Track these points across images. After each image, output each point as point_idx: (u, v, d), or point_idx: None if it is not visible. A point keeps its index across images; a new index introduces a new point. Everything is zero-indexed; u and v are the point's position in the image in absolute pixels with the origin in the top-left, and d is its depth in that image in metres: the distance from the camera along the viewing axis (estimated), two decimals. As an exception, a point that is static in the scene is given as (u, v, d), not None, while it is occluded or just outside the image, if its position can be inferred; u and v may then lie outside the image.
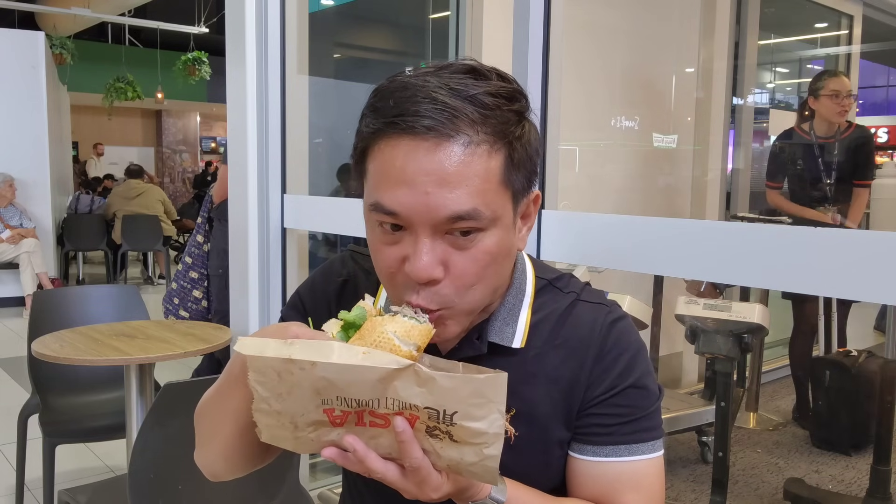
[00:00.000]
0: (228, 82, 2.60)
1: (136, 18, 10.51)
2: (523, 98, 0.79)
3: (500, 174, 0.75)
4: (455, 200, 0.73)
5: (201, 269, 3.24)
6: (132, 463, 1.62)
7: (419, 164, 0.72)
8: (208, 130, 16.74)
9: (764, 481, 3.04)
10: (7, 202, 6.60)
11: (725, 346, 2.65)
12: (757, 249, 1.24)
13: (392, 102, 0.74)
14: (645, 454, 0.86)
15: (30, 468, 2.62)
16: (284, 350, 0.66)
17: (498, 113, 0.75)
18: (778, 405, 4.02)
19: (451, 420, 0.66)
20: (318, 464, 2.92)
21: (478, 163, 0.73)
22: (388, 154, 0.74)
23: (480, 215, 0.74)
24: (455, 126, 0.72)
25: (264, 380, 0.68)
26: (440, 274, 0.75)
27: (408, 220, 0.74)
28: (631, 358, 0.87)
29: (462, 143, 0.73)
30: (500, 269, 0.80)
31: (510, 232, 0.80)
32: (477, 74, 0.76)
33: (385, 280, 0.81)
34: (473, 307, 0.81)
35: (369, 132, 0.76)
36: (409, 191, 0.73)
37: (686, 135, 4.10)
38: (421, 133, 0.72)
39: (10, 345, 5.52)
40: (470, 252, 0.76)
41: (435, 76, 0.75)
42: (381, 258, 0.79)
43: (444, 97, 0.72)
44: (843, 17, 5.22)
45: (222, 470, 0.90)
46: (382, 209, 0.75)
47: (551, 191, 1.64)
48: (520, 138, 0.77)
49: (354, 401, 0.67)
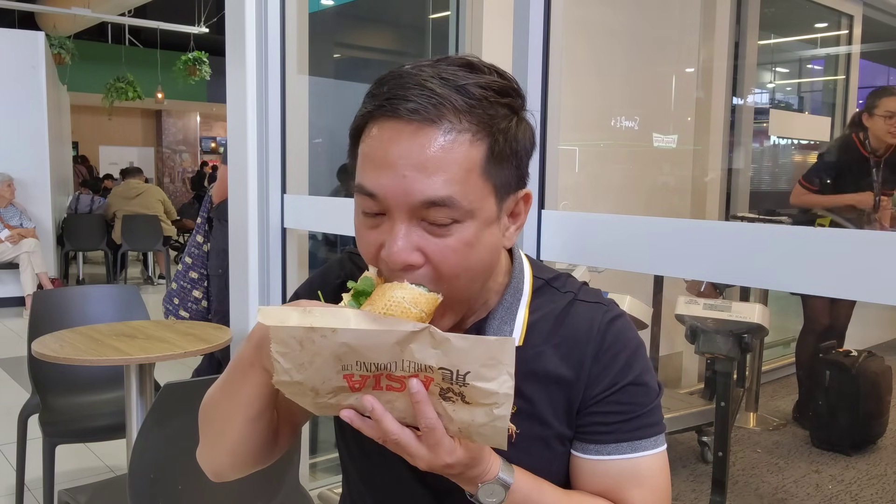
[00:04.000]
0: (228, 82, 2.60)
1: (136, 18, 10.51)
2: (516, 95, 0.79)
3: (481, 165, 0.76)
4: (431, 186, 0.74)
5: (201, 269, 3.24)
6: (132, 463, 1.62)
7: (400, 148, 0.74)
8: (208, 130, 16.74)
9: (764, 481, 3.04)
10: (7, 202, 6.60)
11: (725, 346, 2.65)
12: (757, 249, 1.24)
13: (385, 89, 0.76)
14: (647, 450, 0.86)
15: (30, 468, 2.62)
16: (306, 319, 0.68)
17: (485, 104, 0.75)
18: (778, 405, 4.02)
19: (464, 380, 0.68)
20: (318, 464, 2.92)
21: (458, 150, 0.74)
22: (375, 136, 0.76)
23: (455, 203, 0.75)
24: (439, 112, 0.74)
25: (287, 350, 0.70)
26: (416, 259, 0.76)
27: (385, 202, 0.76)
28: (630, 355, 0.87)
29: (444, 129, 0.74)
30: (484, 263, 0.81)
31: (492, 227, 0.80)
32: (472, 68, 0.77)
33: (370, 265, 0.83)
34: (461, 297, 0.81)
35: (361, 115, 0.79)
36: (388, 173, 0.75)
37: (686, 135, 4.10)
38: (405, 116, 0.74)
39: (10, 345, 5.52)
40: (447, 241, 0.76)
41: (431, 66, 0.76)
42: (363, 244, 0.81)
43: (433, 85, 0.74)
44: (843, 17, 5.22)
45: (227, 467, 0.90)
46: (363, 190, 0.77)
47: (551, 191, 1.64)
48: (505, 132, 0.77)
49: (373, 365, 0.69)
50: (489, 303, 0.89)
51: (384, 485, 0.93)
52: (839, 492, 2.96)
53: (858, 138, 3.47)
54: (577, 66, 3.48)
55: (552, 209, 1.61)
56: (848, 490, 2.97)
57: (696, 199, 4.18)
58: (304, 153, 2.76)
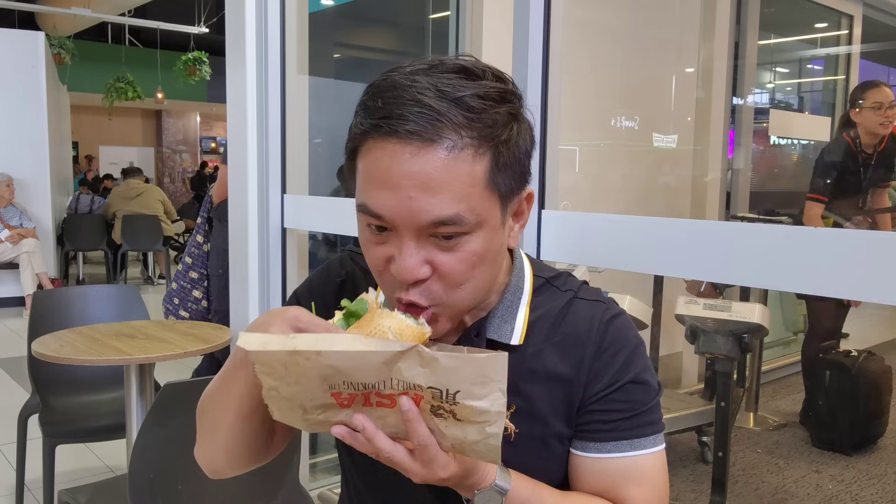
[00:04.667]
0: (228, 82, 2.60)
1: (136, 18, 10.51)
2: (515, 98, 0.78)
3: (486, 178, 0.75)
4: (437, 206, 0.73)
5: (201, 269, 3.24)
6: (132, 463, 1.62)
7: (402, 168, 0.73)
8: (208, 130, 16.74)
9: (764, 481, 3.04)
10: (6, 202, 6.60)
11: (725, 346, 2.65)
12: (757, 249, 1.24)
13: (380, 103, 0.74)
14: (647, 448, 0.86)
15: (30, 468, 2.62)
16: (288, 343, 0.66)
17: (484, 116, 0.74)
18: (778, 405, 4.02)
19: (455, 399, 0.67)
20: (318, 464, 2.92)
21: (461, 167, 0.73)
22: (375, 155, 0.75)
23: (463, 220, 0.74)
24: (438, 130, 0.72)
25: (271, 370, 0.69)
26: (425, 273, 0.76)
27: (392, 223, 0.75)
28: (629, 354, 0.87)
29: (446, 147, 0.72)
30: (489, 268, 0.81)
31: (498, 232, 0.80)
32: (469, 74, 0.75)
33: (378, 280, 0.82)
34: (464, 306, 0.81)
35: (358, 132, 0.77)
36: (392, 194, 0.74)
37: (686, 135, 4.10)
38: (405, 137, 0.72)
39: (10, 345, 5.52)
40: (455, 253, 0.76)
41: (425, 75, 0.74)
42: (370, 257, 0.81)
43: (429, 100, 0.72)
44: (843, 17, 5.22)
45: (223, 465, 0.90)
46: (368, 211, 0.76)
47: (551, 191, 1.64)
48: (507, 142, 0.76)
49: (361, 384, 0.68)
50: (490, 302, 0.89)
51: (383, 484, 0.93)
52: (839, 492, 2.96)
53: (850, 136, 3.45)
54: (577, 66, 3.48)
55: (552, 209, 1.61)
56: (848, 490, 2.97)
57: (696, 199, 4.18)
58: (304, 153, 2.76)
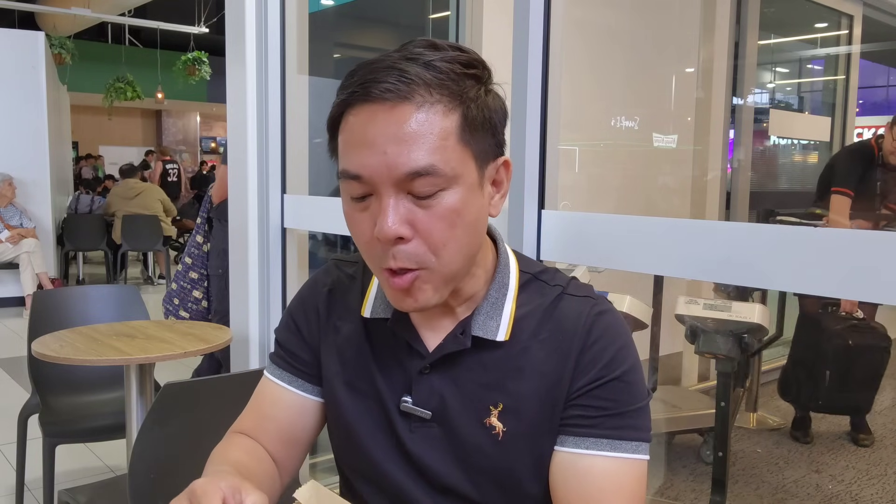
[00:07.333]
0: (228, 82, 2.60)
1: (136, 18, 10.52)
2: (482, 67, 0.82)
3: (457, 133, 0.78)
4: (413, 157, 0.76)
5: (201, 269, 3.24)
6: (132, 463, 1.62)
7: (378, 127, 0.76)
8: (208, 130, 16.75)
9: (764, 481, 3.04)
10: (7, 202, 6.61)
11: (725, 346, 2.65)
12: (757, 249, 1.24)
13: (356, 77, 0.79)
14: (627, 453, 0.83)
15: (30, 468, 2.62)
16: None
17: (453, 76, 0.78)
18: (778, 405, 4.01)
19: None
20: (319, 464, 2.92)
21: (434, 121, 0.77)
22: (353, 122, 0.79)
23: (439, 171, 0.77)
24: (410, 89, 0.76)
25: None
26: (406, 231, 0.78)
27: (370, 181, 0.78)
28: (617, 350, 0.85)
29: (417, 103, 0.76)
30: (470, 231, 0.81)
31: (476, 193, 0.81)
32: (436, 47, 0.80)
33: (364, 253, 0.83)
34: (448, 271, 0.81)
35: (336, 105, 0.81)
36: (369, 152, 0.77)
37: (686, 135, 4.11)
38: (379, 97, 0.76)
39: (10, 345, 5.52)
40: (435, 210, 0.78)
41: (397, 52, 0.80)
42: (355, 230, 0.82)
43: (401, 65, 0.77)
44: (843, 17, 5.22)
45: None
46: (348, 174, 0.79)
47: (551, 191, 1.64)
48: (475, 100, 0.80)
49: None
50: (476, 297, 0.89)
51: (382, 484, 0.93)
52: (839, 492, 2.96)
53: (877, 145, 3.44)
54: (577, 66, 3.48)
55: (552, 209, 1.61)
56: (848, 490, 2.97)
57: (696, 199, 4.18)
58: (304, 153, 2.76)
